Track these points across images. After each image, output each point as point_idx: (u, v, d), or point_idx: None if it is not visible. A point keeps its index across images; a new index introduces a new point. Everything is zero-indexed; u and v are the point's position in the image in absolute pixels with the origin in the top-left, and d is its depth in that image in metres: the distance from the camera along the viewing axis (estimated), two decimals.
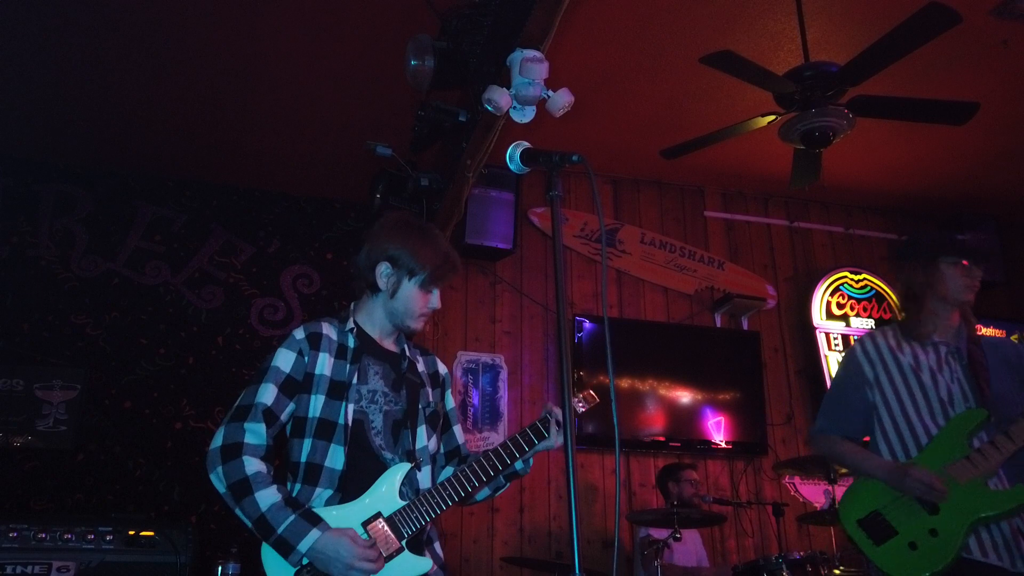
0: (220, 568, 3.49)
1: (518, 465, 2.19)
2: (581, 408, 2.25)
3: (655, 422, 5.13)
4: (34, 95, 4.52)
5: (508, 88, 2.73)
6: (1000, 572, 2.31)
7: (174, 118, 4.76)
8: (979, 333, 2.63)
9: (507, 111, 2.78)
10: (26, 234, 5.01)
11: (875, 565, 2.41)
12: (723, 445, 5.16)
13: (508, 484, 2.29)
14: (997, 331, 6.03)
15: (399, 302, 2.17)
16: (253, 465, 1.92)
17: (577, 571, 1.50)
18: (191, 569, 3.31)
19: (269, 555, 1.92)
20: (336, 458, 2.01)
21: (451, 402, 2.36)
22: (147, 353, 4.96)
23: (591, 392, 2.27)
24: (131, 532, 3.24)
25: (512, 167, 1.89)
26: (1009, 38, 4.18)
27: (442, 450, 2.30)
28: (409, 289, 2.16)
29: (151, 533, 3.27)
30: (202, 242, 5.32)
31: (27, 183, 5.11)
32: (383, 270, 2.16)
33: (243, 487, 1.88)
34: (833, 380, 2.81)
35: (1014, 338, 6.05)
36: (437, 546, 2.16)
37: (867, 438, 2.67)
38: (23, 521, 3.19)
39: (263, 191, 5.53)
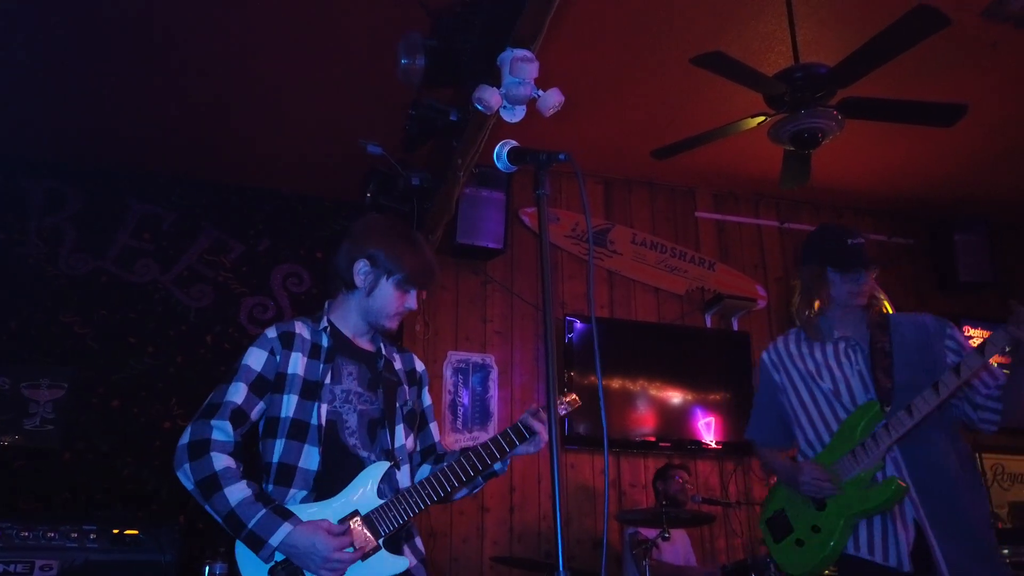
0: (208, 568, 3.46)
1: (496, 465, 2.18)
2: (563, 411, 2.26)
3: (646, 422, 5.13)
4: (23, 92, 4.48)
5: (499, 87, 2.73)
6: (874, 567, 2.31)
7: (164, 116, 4.73)
8: (889, 312, 2.55)
9: (497, 110, 2.78)
10: (14, 231, 4.97)
11: (775, 561, 2.59)
12: (713, 445, 5.17)
13: (485, 482, 2.28)
14: (986, 332, 6.05)
15: (375, 300, 2.16)
16: (221, 461, 1.90)
17: (562, 570, 1.49)
18: (177, 568, 3.29)
19: (243, 552, 1.91)
20: (311, 459, 1.99)
21: (427, 399, 2.35)
22: (136, 352, 4.92)
23: (575, 397, 2.28)
24: (115, 531, 3.22)
25: (499, 165, 1.89)
26: (999, 40, 4.20)
27: (417, 447, 2.29)
28: (386, 288, 2.15)
29: (135, 532, 3.24)
30: (192, 240, 5.29)
31: (16, 180, 5.07)
32: (361, 267, 2.16)
33: (211, 483, 1.87)
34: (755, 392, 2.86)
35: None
36: (418, 541, 2.15)
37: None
38: (6, 519, 3.16)
39: (254, 189, 5.50)
